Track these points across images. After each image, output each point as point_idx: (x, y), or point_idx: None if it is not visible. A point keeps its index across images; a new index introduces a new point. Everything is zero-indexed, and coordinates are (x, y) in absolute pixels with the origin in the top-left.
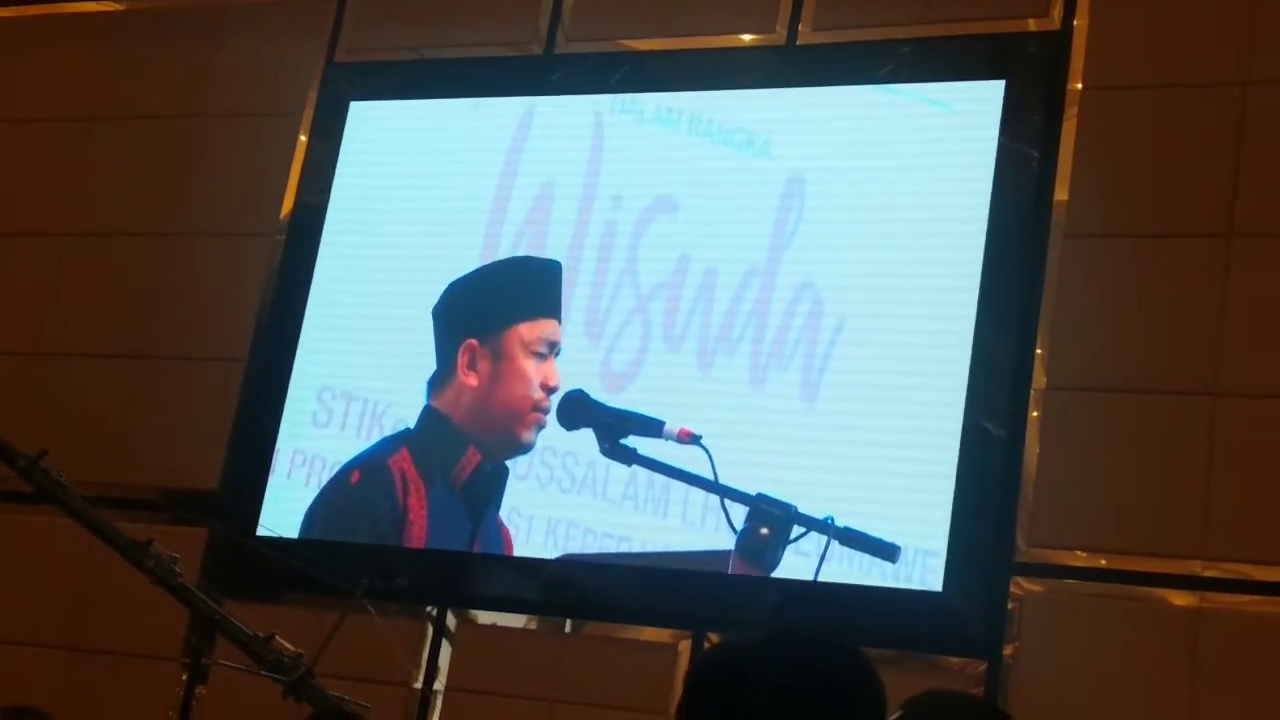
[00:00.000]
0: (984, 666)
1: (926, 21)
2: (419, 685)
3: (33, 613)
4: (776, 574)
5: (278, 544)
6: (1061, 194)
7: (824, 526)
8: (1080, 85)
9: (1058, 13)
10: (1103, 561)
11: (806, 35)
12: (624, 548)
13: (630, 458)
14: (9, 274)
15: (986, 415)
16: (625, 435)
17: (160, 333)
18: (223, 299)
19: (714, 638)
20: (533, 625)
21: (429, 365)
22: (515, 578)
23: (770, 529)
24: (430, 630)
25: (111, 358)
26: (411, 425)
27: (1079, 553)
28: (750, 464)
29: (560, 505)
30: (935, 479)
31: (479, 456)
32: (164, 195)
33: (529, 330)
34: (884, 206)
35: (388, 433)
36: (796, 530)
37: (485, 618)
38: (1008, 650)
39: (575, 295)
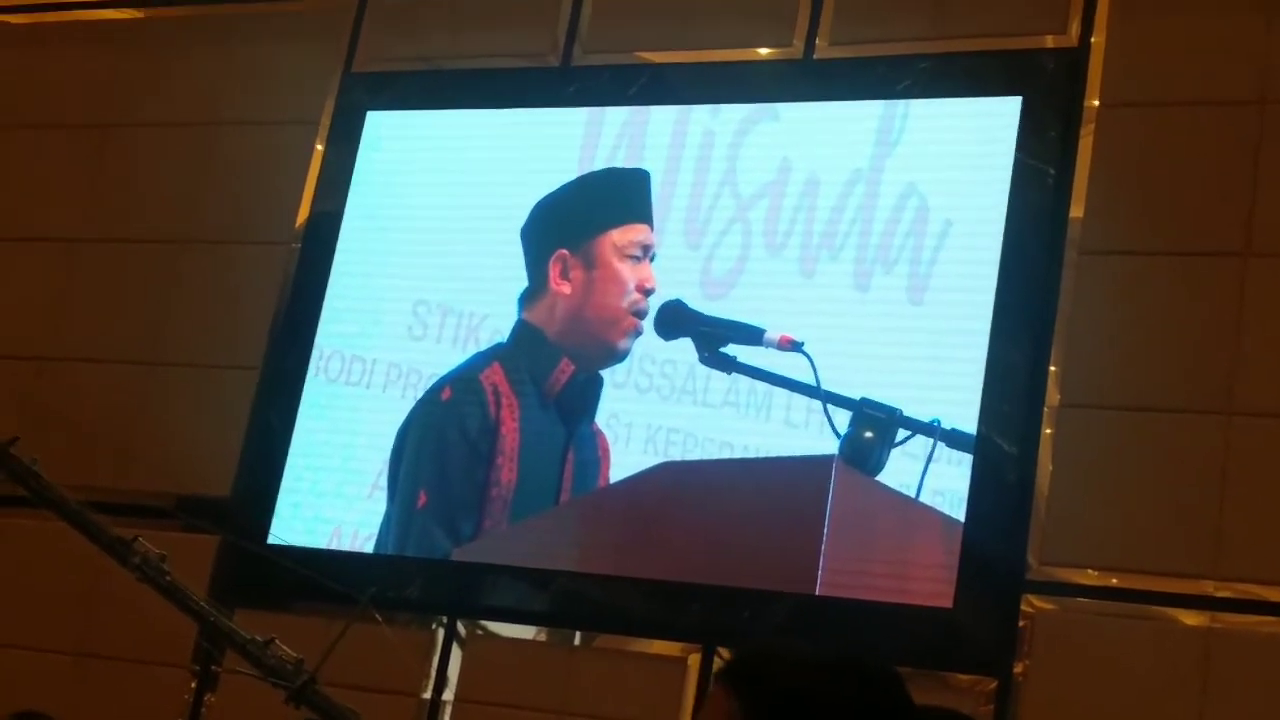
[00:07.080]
0: (994, 684)
1: (944, 37)
2: (428, 695)
3: (40, 617)
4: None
5: (289, 553)
6: (1077, 210)
7: (929, 429)
8: (1097, 102)
9: (1075, 29)
10: (1114, 580)
11: (824, 49)
12: (725, 453)
13: (730, 365)
14: (23, 279)
15: (999, 431)
16: (725, 343)
17: (175, 340)
18: (238, 307)
19: (725, 652)
20: (543, 636)
21: (524, 281)
22: (525, 588)
23: (874, 432)
24: (440, 640)
25: (125, 364)
26: (505, 339)
27: (1090, 571)
28: (853, 369)
29: (660, 413)
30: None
31: (573, 367)
32: (179, 202)
33: (620, 235)
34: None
35: (484, 346)
36: (903, 434)
37: (496, 628)
38: (1018, 668)
39: (674, 204)
